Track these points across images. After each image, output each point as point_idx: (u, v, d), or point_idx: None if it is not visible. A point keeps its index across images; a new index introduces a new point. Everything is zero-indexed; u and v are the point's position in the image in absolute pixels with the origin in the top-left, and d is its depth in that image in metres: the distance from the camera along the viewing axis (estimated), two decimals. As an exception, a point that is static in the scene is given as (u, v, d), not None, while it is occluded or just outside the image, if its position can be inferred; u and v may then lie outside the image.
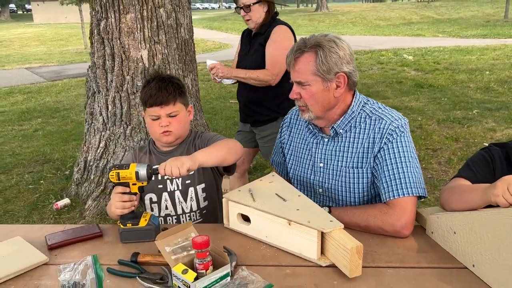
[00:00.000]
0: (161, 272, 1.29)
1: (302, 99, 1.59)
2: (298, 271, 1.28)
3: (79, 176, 3.93)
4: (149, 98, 1.72)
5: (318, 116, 1.61)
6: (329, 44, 1.52)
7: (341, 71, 1.53)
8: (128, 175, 1.46)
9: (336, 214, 1.51)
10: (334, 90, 1.56)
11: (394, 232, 1.45)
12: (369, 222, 1.48)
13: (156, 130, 1.75)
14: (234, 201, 1.50)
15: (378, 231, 1.47)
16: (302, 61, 1.55)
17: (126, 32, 3.62)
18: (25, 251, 1.40)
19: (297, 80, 1.58)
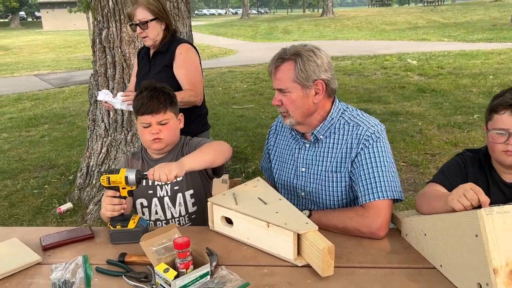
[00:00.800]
0: (146, 271, 1.36)
1: (283, 106, 1.68)
2: (275, 270, 1.35)
3: (82, 181, 4.04)
4: (141, 106, 1.81)
5: (299, 121, 1.70)
6: (308, 53, 1.61)
7: (319, 79, 1.62)
8: (118, 179, 1.54)
9: (316, 217, 1.59)
10: (313, 96, 1.64)
11: (370, 234, 1.51)
12: (347, 224, 1.54)
13: (147, 138, 1.84)
14: (217, 204, 1.57)
15: (355, 232, 1.53)
16: (282, 69, 1.64)
17: (127, 41, 3.72)
18: (20, 252, 1.49)
19: (278, 88, 1.67)
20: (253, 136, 5.91)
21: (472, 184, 1.27)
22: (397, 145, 5.25)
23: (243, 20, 39.39)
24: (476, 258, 1.14)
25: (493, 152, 1.50)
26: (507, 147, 1.43)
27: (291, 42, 18.03)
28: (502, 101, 1.44)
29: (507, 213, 1.12)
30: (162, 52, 2.55)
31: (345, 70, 11.19)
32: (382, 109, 7.04)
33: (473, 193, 1.23)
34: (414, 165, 4.67)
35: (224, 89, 9.65)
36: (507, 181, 1.53)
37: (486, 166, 1.57)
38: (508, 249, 1.10)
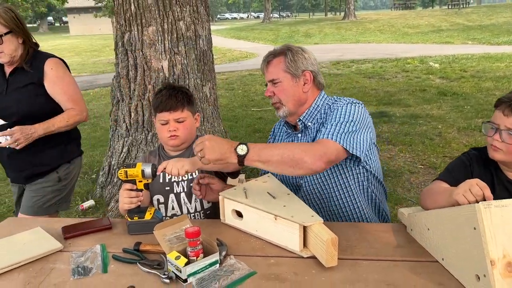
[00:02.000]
0: (159, 259, 1.44)
1: (276, 96, 1.82)
2: (282, 261, 1.41)
3: (104, 179, 4.17)
4: (160, 104, 1.90)
5: (291, 110, 1.82)
6: (296, 49, 1.83)
7: (307, 70, 1.81)
8: (135, 173, 1.63)
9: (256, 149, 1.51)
10: (302, 86, 1.81)
11: (311, 163, 1.50)
12: (294, 152, 1.51)
13: (164, 134, 1.92)
14: (228, 198, 1.64)
15: (297, 163, 1.50)
16: (273, 63, 1.82)
17: (148, 44, 3.84)
18: (43, 240, 1.59)
19: (270, 79, 1.82)
20: (271, 138, 5.96)
21: (478, 180, 1.30)
22: (415, 148, 5.23)
23: (265, 24, 39.53)
24: (474, 251, 1.17)
25: (487, 145, 1.56)
26: (493, 141, 1.50)
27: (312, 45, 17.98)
28: (504, 97, 1.51)
29: (505, 207, 1.15)
30: (24, 68, 2.23)
31: (365, 73, 11.15)
32: (402, 112, 7.00)
33: (479, 189, 1.27)
34: (432, 168, 4.65)
35: (244, 91, 9.75)
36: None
37: (491, 164, 1.59)
38: (505, 242, 1.13)
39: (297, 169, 1.51)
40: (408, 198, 3.91)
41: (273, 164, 1.51)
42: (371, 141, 1.75)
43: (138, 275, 1.36)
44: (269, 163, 1.51)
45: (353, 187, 1.80)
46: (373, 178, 1.84)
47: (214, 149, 1.48)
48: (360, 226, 1.63)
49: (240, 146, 1.49)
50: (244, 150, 1.48)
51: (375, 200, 1.88)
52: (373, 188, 1.86)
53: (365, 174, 1.81)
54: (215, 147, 1.49)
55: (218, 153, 1.48)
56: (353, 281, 1.27)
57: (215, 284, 1.28)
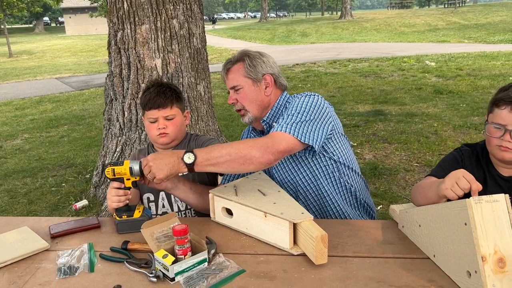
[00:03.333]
0: (147, 257, 1.42)
1: (239, 103, 1.81)
2: (271, 258, 1.39)
3: (97, 179, 4.14)
4: (148, 101, 1.88)
5: (256, 115, 1.81)
6: (254, 54, 1.84)
7: (267, 73, 1.81)
8: (122, 170, 1.60)
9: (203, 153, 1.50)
10: (264, 90, 1.81)
11: (260, 155, 1.48)
12: (240, 149, 1.49)
13: (153, 132, 1.90)
14: (218, 195, 1.62)
15: (247, 159, 1.48)
16: (233, 70, 1.82)
17: (141, 42, 3.81)
18: (30, 239, 1.56)
19: (231, 86, 1.81)
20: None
21: (464, 172, 1.29)
22: (411, 146, 5.22)
23: (261, 23, 39.49)
24: (465, 247, 1.15)
25: (489, 145, 1.51)
26: (501, 142, 1.44)
27: (308, 44, 18.04)
28: (504, 96, 1.45)
29: (496, 202, 1.13)
30: None
31: (362, 72, 11.14)
32: (398, 110, 7.00)
33: (466, 182, 1.25)
34: (428, 166, 4.63)
35: (240, 91, 9.71)
36: (504, 175, 1.54)
37: (483, 160, 1.58)
38: (497, 238, 1.11)
39: (248, 165, 1.50)
40: (403, 196, 3.90)
41: (223, 165, 1.50)
42: (333, 131, 1.73)
43: (125, 274, 1.34)
44: (219, 164, 1.50)
45: (322, 180, 1.77)
46: (345, 168, 1.80)
47: (161, 167, 1.49)
48: (351, 223, 1.61)
49: (186, 154, 1.49)
50: (191, 158, 1.48)
51: (350, 190, 1.82)
52: (346, 178, 1.81)
53: (333, 165, 1.77)
54: (161, 164, 1.49)
55: (166, 170, 1.49)
56: (343, 278, 1.25)
57: (203, 283, 1.26)
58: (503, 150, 1.45)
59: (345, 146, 1.81)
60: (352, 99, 8.02)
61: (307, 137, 1.58)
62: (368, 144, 5.41)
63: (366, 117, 6.71)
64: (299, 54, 16.71)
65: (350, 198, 1.82)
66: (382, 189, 4.08)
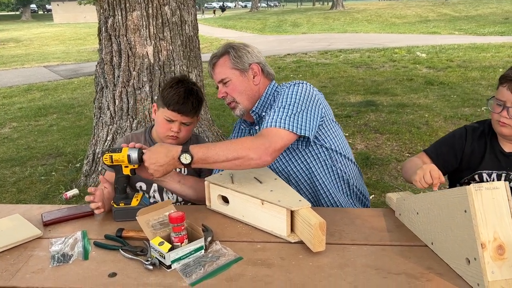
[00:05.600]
0: (142, 245, 1.40)
1: (229, 95, 1.79)
2: (268, 246, 1.37)
3: (88, 168, 4.09)
4: (175, 104, 1.79)
5: (247, 107, 1.80)
6: (238, 45, 1.81)
7: (253, 62, 1.80)
8: (120, 158, 1.56)
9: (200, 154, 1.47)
10: (252, 79, 1.80)
11: (258, 157, 1.46)
12: (238, 151, 1.46)
13: (164, 131, 1.84)
14: (214, 183, 1.60)
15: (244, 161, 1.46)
16: (219, 64, 1.81)
17: (132, 29, 3.75)
18: (22, 226, 1.53)
19: (219, 79, 1.80)
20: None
21: (432, 167, 1.43)
22: (402, 136, 5.24)
23: (252, 13, 39.25)
24: (465, 234, 1.15)
25: (492, 119, 1.60)
26: (500, 118, 1.53)
27: (300, 35, 18.02)
28: (507, 74, 1.53)
29: (496, 189, 1.13)
30: None
31: (353, 63, 11.14)
32: (389, 101, 7.01)
33: (429, 177, 1.41)
34: (419, 156, 4.65)
35: (231, 80, 9.66)
36: (506, 151, 1.61)
37: (488, 135, 1.66)
38: (496, 224, 1.11)
39: (245, 166, 1.49)
40: (395, 186, 3.91)
41: (220, 165, 1.50)
42: (324, 117, 1.72)
43: (120, 261, 1.32)
44: (216, 164, 1.50)
45: (314, 168, 1.76)
46: (338, 155, 1.79)
47: (156, 168, 1.51)
48: (348, 211, 1.61)
49: (183, 155, 1.46)
50: (188, 159, 1.47)
51: (343, 177, 1.81)
52: (339, 165, 1.79)
53: (326, 152, 1.76)
54: (156, 166, 1.50)
55: (161, 170, 1.51)
56: (341, 265, 1.24)
57: (199, 270, 1.25)
58: (501, 125, 1.54)
59: (337, 132, 1.79)
60: (344, 90, 8.02)
61: (302, 128, 1.57)
62: (360, 135, 5.42)
63: (357, 107, 6.71)
64: (290, 44, 16.65)
65: (343, 186, 1.81)
66: (374, 179, 4.09)
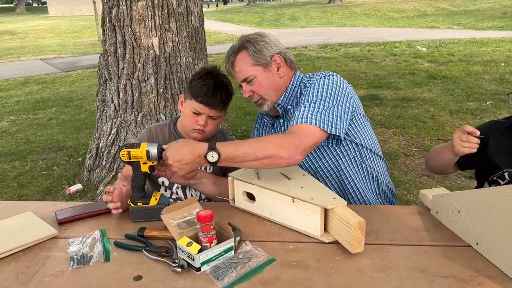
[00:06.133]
0: (167, 245, 1.31)
1: (255, 94, 1.70)
2: (301, 246, 1.29)
3: (91, 162, 3.99)
4: (203, 96, 1.70)
5: (275, 101, 1.71)
6: (254, 37, 1.70)
7: (275, 53, 1.69)
8: (139, 154, 1.47)
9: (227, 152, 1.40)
10: (276, 72, 1.70)
11: (289, 156, 1.38)
12: (268, 149, 1.38)
13: (190, 124, 1.75)
14: (239, 179, 1.51)
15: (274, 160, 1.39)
16: (238, 61, 1.69)
17: (137, 20, 3.64)
18: (36, 225, 1.44)
19: (243, 78, 1.70)
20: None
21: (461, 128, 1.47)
22: (409, 131, 5.17)
23: (250, 6, 38.97)
24: (518, 234, 1.07)
25: None
26: None
27: (298, 29, 17.90)
28: None
29: (554, 187, 1.05)
30: None
31: (354, 57, 11.04)
32: (393, 95, 6.94)
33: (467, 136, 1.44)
34: (427, 151, 4.59)
35: (232, 74, 9.55)
36: None
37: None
38: (554, 225, 1.03)
39: (275, 165, 1.41)
40: (405, 181, 3.85)
41: (248, 164, 1.42)
42: (355, 112, 1.64)
43: (144, 263, 1.23)
44: (244, 163, 1.42)
45: (344, 165, 1.68)
46: (368, 151, 1.71)
47: (181, 167, 1.42)
48: (380, 209, 1.53)
49: (210, 153, 1.39)
50: (214, 157, 1.39)
51: (372, 175, 1.74)
52: (369, 162, 1.72)
53: (355, 149, 1.68)
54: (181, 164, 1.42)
55: (187, 169, 1.43)
56: (384, 268, 1.17)
57: (231, 273, 1.17)
58: None
59: (367, 127, 1.71)
60: (346, 84, 7.93)
61: (333, 126, 1.49)
62: (366, 129, 5.34)
63: (361, 101, 6.54)
64: (289, 38, 16.49)
65: (372, 183, 1.74)
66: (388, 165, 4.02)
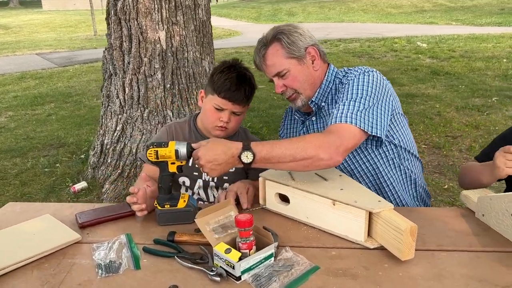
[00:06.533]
0: (200, 251, 1.23)
1: (289, 89, 1.60)
2: (345, 253, 1.21)
3: (96, 159, 3.89)
4: (226, 90, 1.61)
5: (309, 96, 1.62)
6: (287, 28, 1.59)
7: (309, 45, 1.59)
8: (167, 153, 1.37)
9: (263, 152, 1.29)
10: (311, 65, 1.61)
11: (329, 158, 1.30)
12: (306, 150, 1.29)
13: (212, 120, 1.66)
14: (272, 180, 1.43)
15: (314, 162, 1.29)
16: (269, 54, 1.59)
17: (144, 13, 3.53)
18: (56, 229, 1.35)
19: (275, 73, 1.59)
20: (266, 117, 5.76)
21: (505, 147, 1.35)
22: (416, 127, 5.10)
23: (246, 1, 38.71)
24: None
25: None
26: None
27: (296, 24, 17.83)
28: None
29: None
30: None
31: (354, 52, 10.97)
32: (397, 91, 6.76)
33: None
34: (436, 148, 4.53)
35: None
36: None
37: None
38: None
39: (313, 167, 1.32)
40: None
41: (284, 165, 1.32)
42: (394, 111, 1.56)
43: (178, 271, 1.15)
44: (280, 164, 1.32)
45: (382, 167, 1.60)
46: (406, 152, 1.64)
47: (213, 167, 1.29)
48: (421, 212, 1.45)
49: (244, 153, 1.28)
50: (249, 157, 1.28)
51: (410, 177, 1.67)
52: (407, 164, 1.65)
53: (394, 150, 1.60)
54: (214, 165, 1.29)
55: (219, 169, 1.30)
56: (437, 276, 1.09)
57: (275, 283, 1.08)
58: None
59: (405, 127, 1.64)
60: (349, 79, 7.86)
61: (374, 127, 1.41)
62: (373, 125, 5.27)
63: (366, 97, 6.55)
64: (287, 33, 16.37)
65: (410, 186, 1.66)
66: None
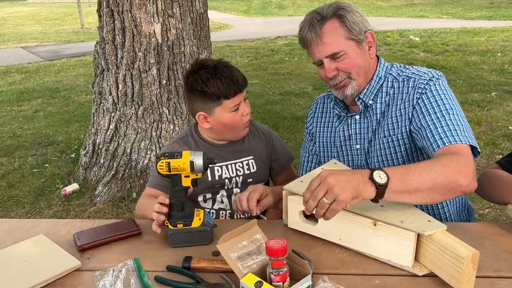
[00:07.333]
0: (221, 281, 1.06)
1: (341, 73, 1.40)
2: (389, 281, 1.05)
3: (87, 159, 3.68)
4: (227, 88, 1.44)
5: (361, 85, 1.44)
6: (348, 5, 1.40)
7: (368, 30, 1.41)
8: (181, 165, 1.20)
9: (398, 177, 1.07)
10: (367, 52, 1.42)
11: (468, 183, 1.13)
12: (447, 175, 1.11)
13: (239, 121, 1.49)
14: (297, 194, 1.26)
15: (452, 187, 1.12)
16: (326, 31, 1.36)
17: (138, 5, 3.33)
18: (53, 253, 1.17)
19: (330, 53, 1.37)
20: (263, 113, 5.58)
21: None
22: (418, 124, 4.98)
23: (235, -6, 38.35)
24: None
25: None
26: None
27: (286, 17, 17.66)
28: None
29: None
30: None
31: (348, 46, 10.83)
32: (395, 86, 6.75)
33: None
34: (440, 145, 4.41)
35: (225, 63, 9.26)
36: None
37: None
38: None
39: (449, 195, 1.13)
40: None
41: (422, 194, 1.09)
42: None
43: (199, 307, 0.98)
44: (417, 192, 1.09)
45: None
46: None
47: (343, 184, 1.03)
48: (466, 227, 1.30)
49: (375, 172, 1.05)
50: (383, 177, 1.05)
51: None
52: None
53: None
54: (342, 180, 1.03)
55: (350, 189, 1.02)
56: (503, 311, 0.94)
57: (315, 321, 0.92)
58: None
59: None
60: (345, 74, 7.72)
61: (473, 138, 1.27)
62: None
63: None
64: (278, 27, 16.16)
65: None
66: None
